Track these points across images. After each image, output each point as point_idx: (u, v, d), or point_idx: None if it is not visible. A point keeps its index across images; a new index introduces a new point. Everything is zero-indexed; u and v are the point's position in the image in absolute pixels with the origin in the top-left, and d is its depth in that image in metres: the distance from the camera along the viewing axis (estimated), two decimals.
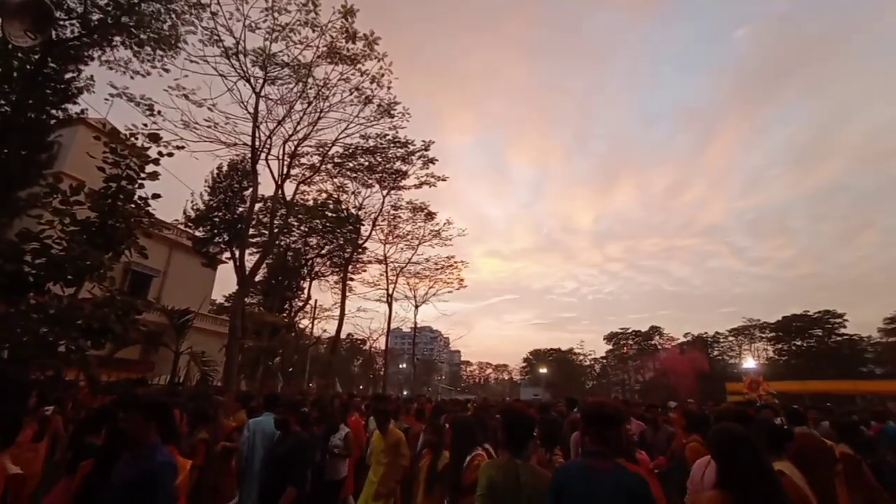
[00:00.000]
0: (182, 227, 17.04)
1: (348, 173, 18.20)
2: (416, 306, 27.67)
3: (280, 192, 12.81)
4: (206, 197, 15.78)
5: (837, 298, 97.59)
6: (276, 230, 14.26)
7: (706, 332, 58.14)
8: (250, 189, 12.40)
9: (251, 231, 17.57)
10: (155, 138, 6.07)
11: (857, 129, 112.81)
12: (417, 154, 17.60)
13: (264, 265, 21.69)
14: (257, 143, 11.02)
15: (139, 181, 5.75)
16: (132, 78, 8.69)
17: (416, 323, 29.08)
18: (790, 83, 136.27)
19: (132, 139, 5.98)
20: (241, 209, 15.37)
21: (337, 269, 23.24)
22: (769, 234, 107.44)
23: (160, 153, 6.00)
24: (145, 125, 6.77)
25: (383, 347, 27.49)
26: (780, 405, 15.29)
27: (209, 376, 14.80)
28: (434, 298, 27.31)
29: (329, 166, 17.28)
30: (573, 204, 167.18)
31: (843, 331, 45.29)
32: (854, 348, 44.42)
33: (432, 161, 17.92)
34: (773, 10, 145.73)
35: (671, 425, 5.96)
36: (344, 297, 21.09)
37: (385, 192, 19.74)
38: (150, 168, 5.86)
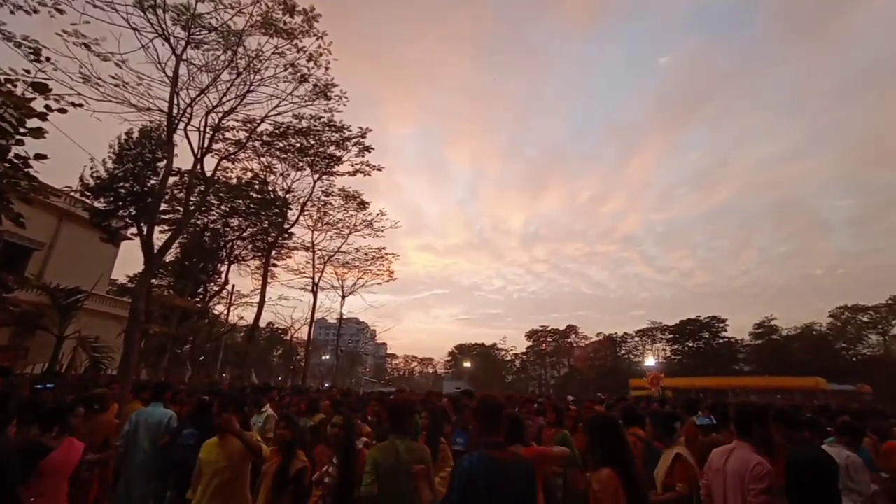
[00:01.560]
0: (77, 195, 15.02)
1: (278, 153, 17.26)
2: (343, 297, 27.04)
3: (199, 166, 11.79)
4: (110, 165, 14.01)
5: (723, 306, 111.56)
6: (192, 207, 13.13)
7: (616, 333, 63.42)
8: (164, 160, 11.25)
9: (163, 206, 16.00)
10: (42, 88, 5.18)
11: (748, 159, 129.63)
12: (353, 140, 17.17)
13: (177, 245, 19.89)
14: (175, 111, 10.03)
15: (17, 136, 4.86)
16: (12, 13, 7.35)
17: (341, 314, 28.42)
18: (701, 110, 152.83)
19: (9, 85, 5.04)
20: (152, 181, 13.90)
21: (259, 254, 21.98)
22: (675, 246, 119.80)
23: (48, 107, 5.15)
24: (28, 72, 5.76)
25: (306, 338, 26.53)
26: (673, 399, 17.29)
27: (101, 364, 13.19)
28: (362, 290, 26.86)
29: (256, 144, 16.26)
30: (505, 205, 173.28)
31: (724, 334, 51.91)
32: (730, 349, 51.15)
33: (368, 149, 17.58)
34: (691, 42, 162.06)
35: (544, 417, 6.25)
36: (265, 283, 20.03)
37: (316, 176, 19.01)
38: (33, 123, 4.99)
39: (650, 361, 46.09)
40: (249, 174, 18.63)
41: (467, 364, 63.47)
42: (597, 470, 2.35)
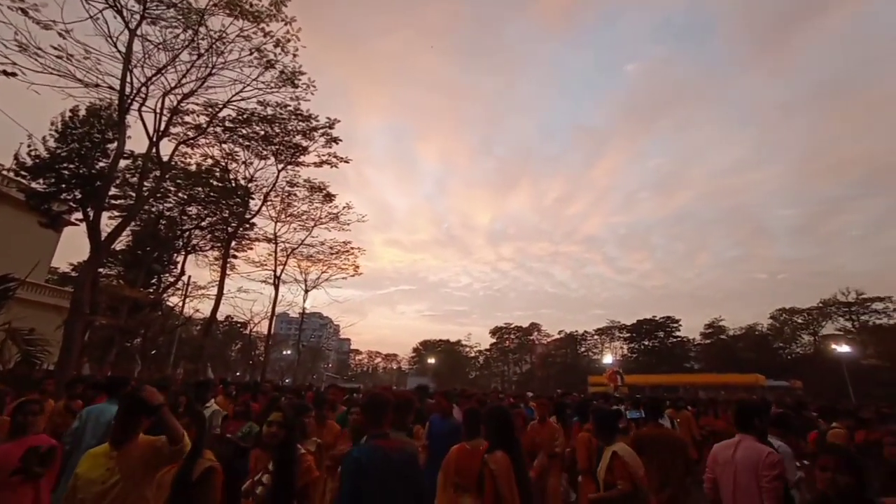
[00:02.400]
0: (10, 175, 13.87)
1: (240, 141, 16.61)
2: (306, 291, 26.43)
3: (155, 150, 11.19)
4: (51, 143, 12.99)
5: (677, 307, 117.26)
6: (146, 193, 12.43)
7: (577, 331, 65.41)
8: (115, 142, 10.58)
9: (113, 191, 15.06)
10: None
11: (704, 168, 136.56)
12: (320, 130, 16.77)
13: (129, 232, 18.82)
14: (129, 90, 9.46)
15: None
16: None
17: (304, 308, 27.79)
18: (664, 119, 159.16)
19: None
20: (101, 164, 13.04)
21: (218, 244, 21.11)
22: (635, 248, 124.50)
23: None
24: None
25: (266, 332, 25.74)
26: (629, 395, 18.04)
27: (35, 358, 12.24)
28: (326, 284, 26.35)
29: (218, 130, 15.57)
30: (474, 203, 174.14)
31: (677, 334, 54.72)
32: (683, 348, 54.04)
33: (336, 140, 17.24)
34: (656, 52, 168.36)
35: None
36: (224, 275, 19.27)
37: (281, 166, 18.44)
38: None
39: (608, 359, 47.80)
40: (210, 161, 17.83)
41: (432, 360, 63.67)
42: (492, 452, 2.70)
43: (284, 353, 57.59)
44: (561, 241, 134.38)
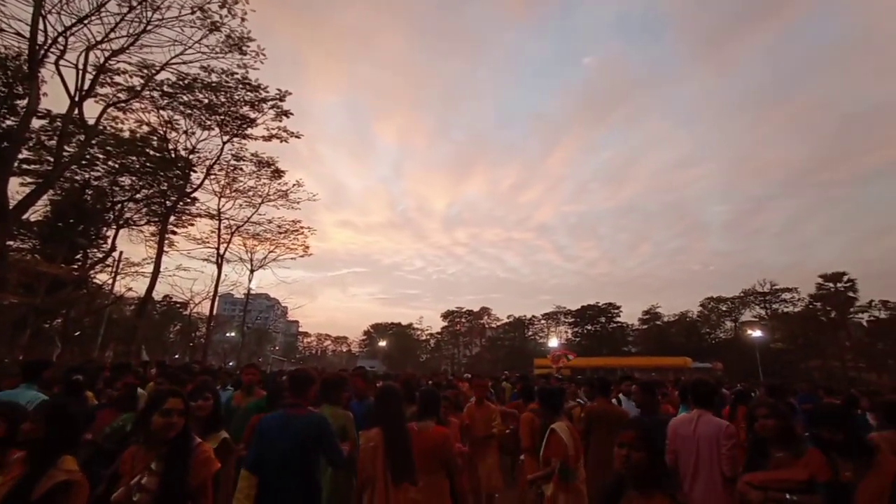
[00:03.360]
0: None
1: (181, 108, 15.36)
2: (252, 270, 25.30)
3: (77, 111, 10.07)
4: None
5: (619, 294, 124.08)
6: (66, 159, 11.19)
7: (525, 315, 67.72)
8: (26, 98, 9.39)
9: (26, 154, 13.46)
10: None
11: (651, 163, 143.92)
12: (270, 102, 15.88)
13: (47, 202, 17.00)
14: (42, 39, 8.39)
15: None
16: None
17: (249, 289, 26.63)
18: (616, 113, 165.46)
19: None
20: (9, 122, 11.59)
21: (155, 219, 19.60)
22: (583, 237, 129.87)
23: None
24: None
25: (207, 312, 24.45)
26: (572, 377, 18.98)
27: None
28: (274, 264, 25.35)
29: (155, 94, 14.30)
30: (430, 186, 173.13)
31: (618, 319, 58.20)
32: (622, 333, 57.66)
33: (286, 114, 16.40)
34: (612, 48, 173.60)
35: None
36: (161, 251, 18.01)
37: (227, 138, 17.31)
38: None
39: (554, 342, 49.97)
40: (146, 128, 16.37)
41: (383, 343, 63.52)
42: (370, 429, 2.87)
43: (228, 335, 55.15)
44: (514, 228, 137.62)
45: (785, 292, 49.03)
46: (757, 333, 37.73)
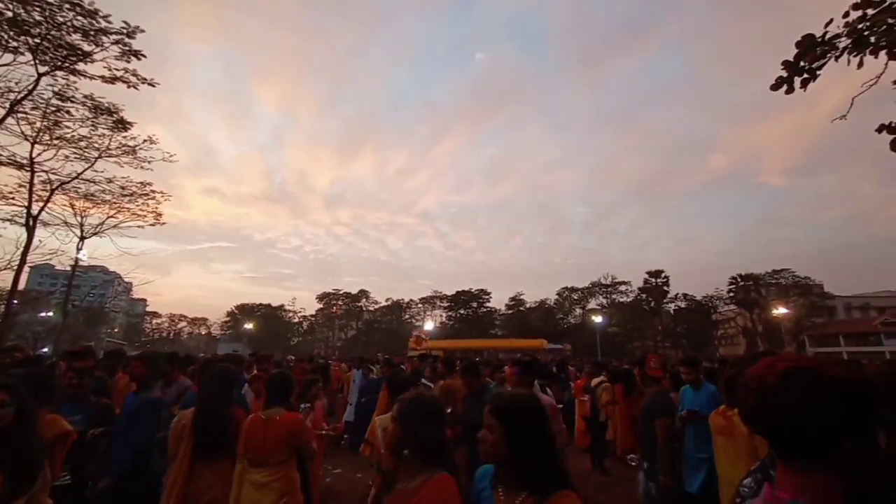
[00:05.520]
0: None
1: None
2: (83, 237, 20.89)
3: None
4: None
5: (491, 281, 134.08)
6: None
7: (403, 299, 68.91)
8: None
9: None
10: None
11: (528, 162, 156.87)
12: (113, 36, 13.12)
13: None
14: None
15: None
16: None
17: (77, 259, 22.00)
18: (502, 111, 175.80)
19: None
20: None
21: None
22: (463, 227, 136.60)
23: None
24: None
25: (11, 286, 19.45)
26: (442, 358, 19.91)
27: None
28: (114, 231, 21.29)
29: None
30: (314, 161, 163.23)
31: (488, 305, 62.89)
32: (490, 317, 62.58)
33: (137, 54, 13.75)
34: (504, 48, 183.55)
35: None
36: None
37: (45, 69, 13.81)
38: None
39: (429, 325, 51.84)
40: None
41: (249, 325, 58.45)
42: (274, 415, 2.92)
43: (46, 314, 44.95)
44: (398, 212, 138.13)
45: (622, 285, 58.50)
46: (598, 319, 44.32)
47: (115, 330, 66.59)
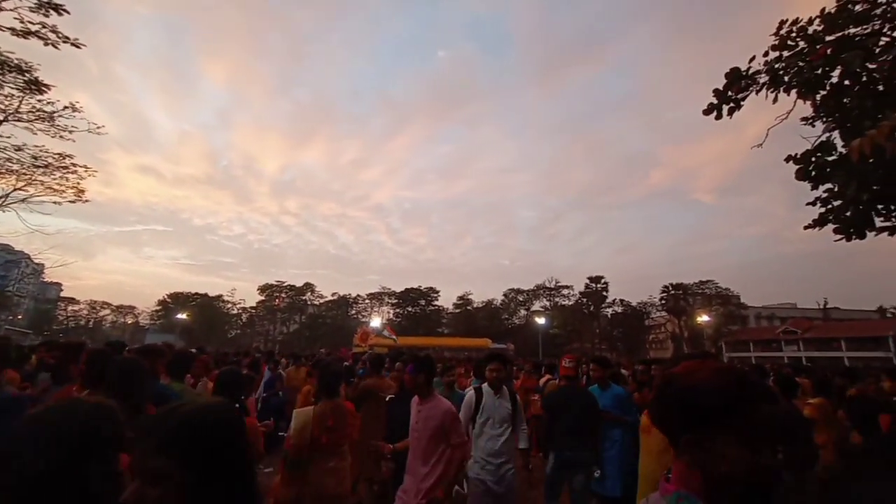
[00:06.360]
0: None
1: None
2: None
3: None
4: None
5: (440, 280, 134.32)
6: None
7: (350, 294, 67.58)
8: None
9: None
10: None
11: (482, 164, 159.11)
12: None
13: None
14: None
15: None
16: None
17: None
18: (461, 109, 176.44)
19: None
20: None
21: None
22: (415, 223, 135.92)
23: None
24: None
25: None
26: (387, 354, 19.72)
27: None
28: (21, 206, 19.01)
29: None
30: (262, 145, 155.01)
31: (436, 303, 63.21)
32: (438, 315, 62.97)
33: (58, 9, 12.34)
34: (466, 48, 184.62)
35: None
36: None
37: None
38: None
39: (376, 322, 51.17)
40: None
41: (183, 315, 54.71)
42: None
43: None
44: (350, 205, 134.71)
45: (564, 288, 61.03)
46: (541, 321, 45.91)
47: (20, 317, 59.79)
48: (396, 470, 3.19)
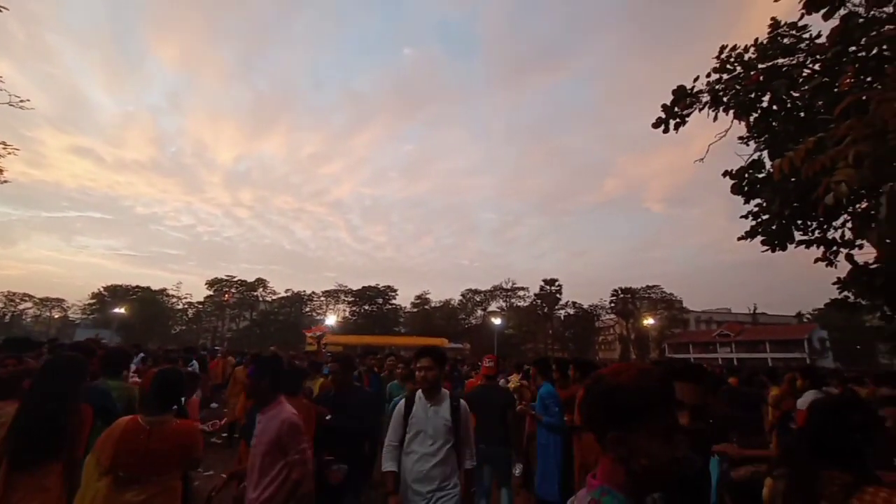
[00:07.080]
0: None
1: None
2: None
3: None
4: None
5: (399, 279, 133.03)
6: None
7: (304, 290, 65.76)
8: None
9: None
10: None
11: (445, 164, 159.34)
12: None
13: None
14: None
15: None
16: None
17: None
18: (425, 109, 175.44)
19: None
20: None
21: None
22: (375, 221, 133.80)
23: None
24: None
25: None
26: (344, 354, 19.37)
27: None
28: None
29: None
30: (216, 133, 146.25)
31: (393, 302, 62.73)
32: (395, 314, 62.55)
33: None
34: (432, 47, 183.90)
35: None
36: None
37: None
38: None
39: (331, 320, 50.04)
40: None
41: (121, 310, 50.84)
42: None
43: None
44: (307, 199, 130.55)
45: (520, 290, 62.41)
46: (497, 321, 46.72)
47: None
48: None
